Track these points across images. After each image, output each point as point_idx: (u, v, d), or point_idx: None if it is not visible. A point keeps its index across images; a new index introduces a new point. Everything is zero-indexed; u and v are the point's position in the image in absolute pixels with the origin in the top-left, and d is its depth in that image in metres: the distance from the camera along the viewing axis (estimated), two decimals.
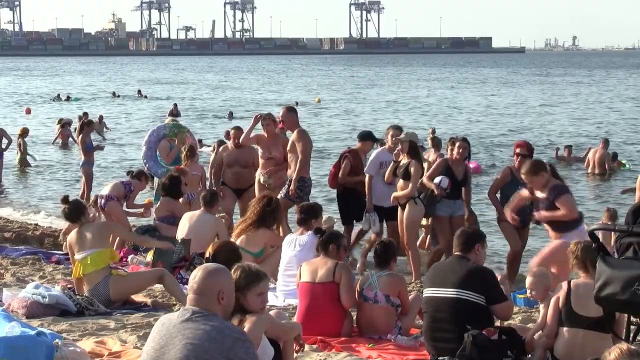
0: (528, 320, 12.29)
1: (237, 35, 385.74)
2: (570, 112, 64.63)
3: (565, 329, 10.14)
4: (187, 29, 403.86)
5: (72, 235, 13.93)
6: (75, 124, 35.26)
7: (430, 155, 21.93)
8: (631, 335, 10.03)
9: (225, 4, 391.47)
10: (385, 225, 17.70)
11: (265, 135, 18.20)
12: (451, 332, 10.59)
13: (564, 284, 10.37)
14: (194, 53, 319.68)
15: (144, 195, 21.25)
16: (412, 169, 15.78)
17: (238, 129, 19.10)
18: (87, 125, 28.79)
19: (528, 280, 10.99)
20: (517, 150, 16.16)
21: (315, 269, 11.95)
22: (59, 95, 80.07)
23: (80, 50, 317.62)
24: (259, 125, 18.24)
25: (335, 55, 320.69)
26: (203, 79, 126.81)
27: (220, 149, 19.42)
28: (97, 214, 15.84)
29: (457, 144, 16.68)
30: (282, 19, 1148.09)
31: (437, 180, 16.20)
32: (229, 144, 19.48)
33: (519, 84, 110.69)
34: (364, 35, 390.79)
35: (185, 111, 59.18)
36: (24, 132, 35.22)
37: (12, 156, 34.06)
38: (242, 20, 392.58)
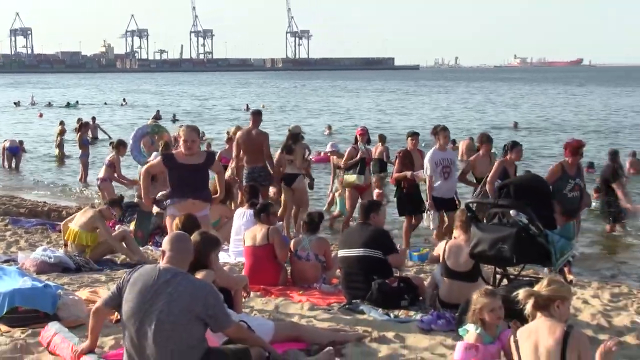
0: (420, 271, 12.35)
1: (201, 56, 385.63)
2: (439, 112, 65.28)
3: (445, 279, 10.27)
4: (162, 51, 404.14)
5: (84, 213, 14.17)
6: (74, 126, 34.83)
7: (378, 147, 21.84)
8: (497, 281, 10.18)
9: (190, 32, 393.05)
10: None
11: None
12: (361, 282, 10.66)
13: (442, 244, 10.50)
14: (167, 70, 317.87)
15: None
16: None
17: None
18: (83, 126, 29.63)
19: None
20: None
21: (254, 234, 11.95)
22: (68, 103, 79.33)
23: (79, 69, 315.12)
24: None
25: (275, 71, 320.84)
26: (174, 90, 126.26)
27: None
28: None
29: (515, 149, 14.53)
30: (235, 44, 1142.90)
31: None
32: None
33: (413, 92, 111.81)
34: (297, 56, 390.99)
35: (165, 114, 58.91)
36: (62, 132, 35.23)
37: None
38: (203, 45, 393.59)
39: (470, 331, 7.77)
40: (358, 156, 16.53)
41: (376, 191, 18.60)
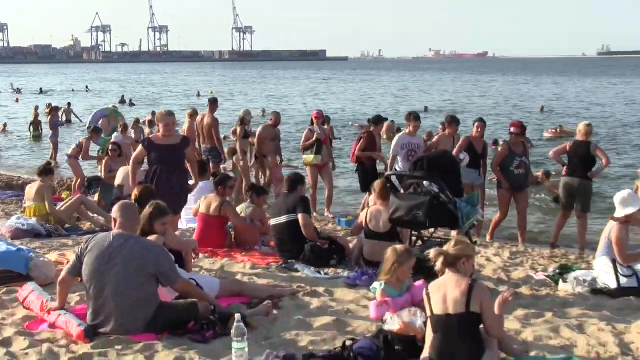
0: (347, 235, 12.35)
1: (157, 49, 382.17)
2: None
3: (368, 240, 10.30)
4: (123, 45, 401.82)
5: (30, 187, 14.08)
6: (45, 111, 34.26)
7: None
8: (413, 243, 10.24)
9: (148, 28, 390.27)
10: None
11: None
12: (291, 244, 10.76)
13: (363, 213, 10.55)
14: (128, 61, 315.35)
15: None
16: None
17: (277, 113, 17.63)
18: (54, 110, 29.11)
19: None
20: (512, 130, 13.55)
21: (209, 203, 11.81)
22: (41, 89, 78.27)
23: (50, 60, 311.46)
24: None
25: (222, 62, 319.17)
26: (134, 78, 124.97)
27: (262, 127, 17.60)
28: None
29: (476, 124, 14.02)
30: (188, 38, 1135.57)
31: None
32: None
33: (341, 80, 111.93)
34: (242, 49, 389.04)
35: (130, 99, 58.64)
36: (36, 115, 34.92)
37: None
38: (160, 39, 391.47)
39: (377, 288, 7.81)
40: (314, 137, 16.02)
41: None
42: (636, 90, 78.77)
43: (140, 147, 11.22)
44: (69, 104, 44.78)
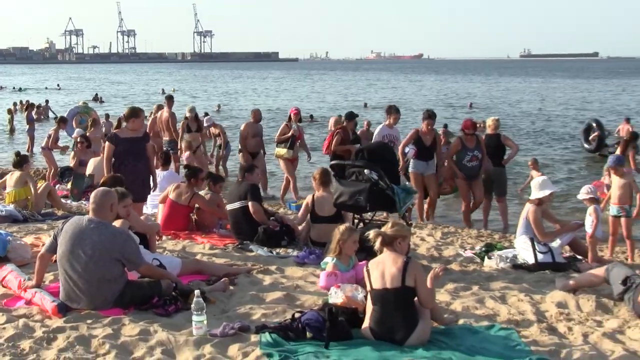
0: (296, 218, 12.30)
1: (126, 51, 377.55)
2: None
3: (314, 224, 10.35)
4: (94, 47, 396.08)
5: (11, 175, 13.94)
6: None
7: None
8: (355, 224, 10.26)
9: (117, 32, 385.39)
10: None
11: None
12: (245, 227, 10.75)
13: (307, 199, 10.54)
14: (99, 62, 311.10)
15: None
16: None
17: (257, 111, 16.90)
18: (30, 106, 28.70)
19: None
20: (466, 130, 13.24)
21: (180, 193, 11.66)
22: (14, 87, 76.98)
23: (27, 61, 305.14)
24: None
25: (185, 63, 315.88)
26: (104, 77, 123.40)
27: (244, 125, 16.72)
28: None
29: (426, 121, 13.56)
30: (153, 41, 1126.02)
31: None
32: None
33: (294, 79, 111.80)
34: (202, 51, 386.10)
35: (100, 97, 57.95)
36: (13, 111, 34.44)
37: None
38: (128, 42, 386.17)
39: (329, 262, 7.91)
40: (290, 133, 15.68)
41: None
42: (550, 88, 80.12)
43: (108, 143, 11.09)
44: (47, 101, 44.15)
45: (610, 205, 10.70)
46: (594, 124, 25.04)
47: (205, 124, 19.25)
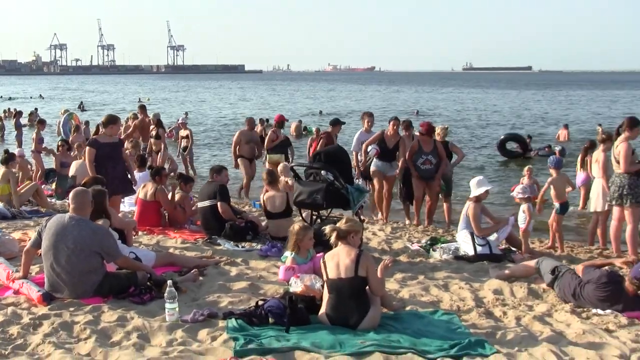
0: (260, 215, 12.24)
1: (106, 63, 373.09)
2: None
3: (269, 220, 10.44)
4: (77, 60, 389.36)
5: None
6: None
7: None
8: (313, 221, 10.26)
9: (98, 46, 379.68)
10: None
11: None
12: (214, 223, 10.64)
13: (261, 197, 10.57)
14: (81, 73, 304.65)
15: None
16: None
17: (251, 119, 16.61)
18: (18, 114, 28.44)
19: None
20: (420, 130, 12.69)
21: (146, 191, 11.58)
22: (1, 96, 75.79)
23: (15, 72, 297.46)
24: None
25: (159, 74, 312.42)
26: (86, 88, 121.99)
27: (238, 132, 16.26)
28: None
29: (391, 122, 13.19)
30: (131, 54, 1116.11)
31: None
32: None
33: (255, 89, 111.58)
34: (175, 63, 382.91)
35: (77, 104, 57.13)
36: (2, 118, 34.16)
37: None
38: (108, 55, 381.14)
39: (288, 256, 7.90)
40: (279, 140, 15.40)
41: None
42: (487, 97, 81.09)
43: (89, 148, 11.00)
44: (36, 109, 44.02)
45: (554, 203, 10.80)
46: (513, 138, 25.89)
47: (179, 121, 20.09)
